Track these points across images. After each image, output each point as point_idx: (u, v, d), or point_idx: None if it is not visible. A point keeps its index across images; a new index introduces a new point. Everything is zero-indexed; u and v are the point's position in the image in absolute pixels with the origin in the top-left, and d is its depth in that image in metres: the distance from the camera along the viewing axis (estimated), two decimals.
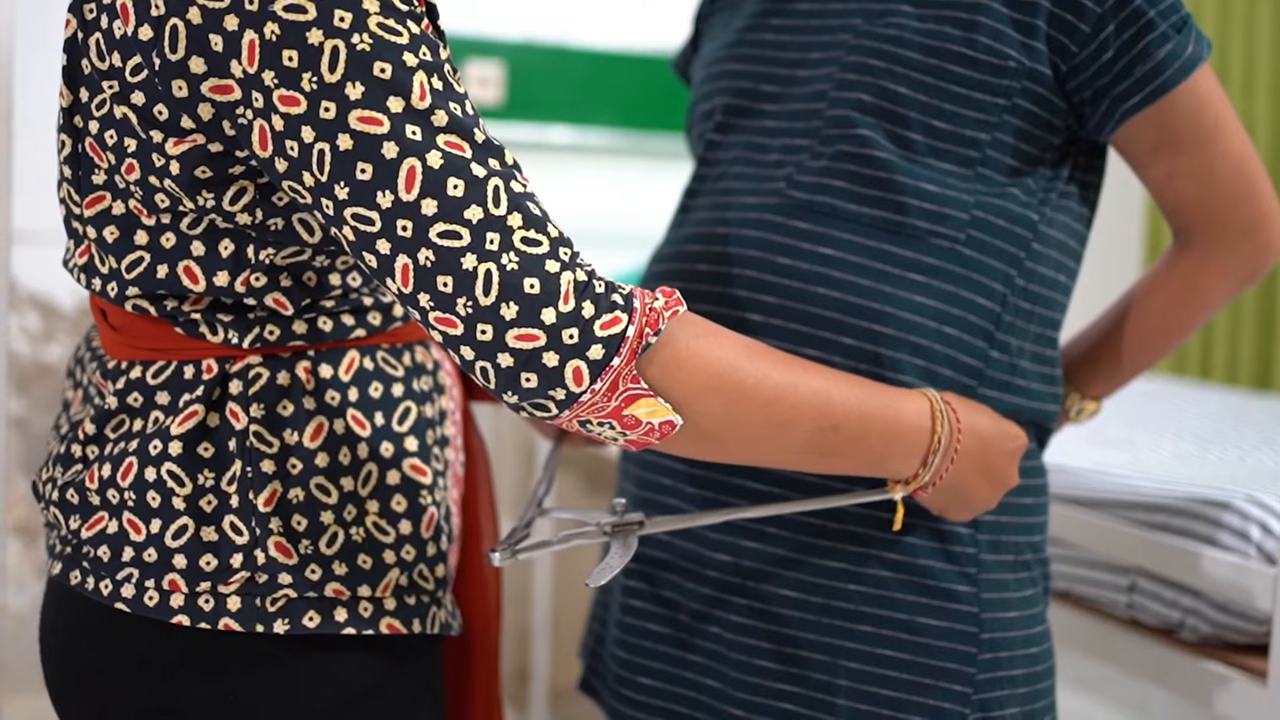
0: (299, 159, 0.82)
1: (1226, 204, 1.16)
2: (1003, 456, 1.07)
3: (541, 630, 2.82)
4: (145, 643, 0.94)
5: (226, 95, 0.83)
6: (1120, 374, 1.27)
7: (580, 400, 0.85)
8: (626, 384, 0.85)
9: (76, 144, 0.93)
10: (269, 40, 0.80)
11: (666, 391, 0.87)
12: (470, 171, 0.82)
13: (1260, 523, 1.39)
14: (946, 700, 1.10)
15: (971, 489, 1.05)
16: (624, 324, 0.84)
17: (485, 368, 0.84)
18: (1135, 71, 1.08)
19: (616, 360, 0.84)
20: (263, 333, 0.95)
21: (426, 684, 1.02)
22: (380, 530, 0.97)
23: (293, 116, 0.81)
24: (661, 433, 0.88)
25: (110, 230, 0.93)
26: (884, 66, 1.11)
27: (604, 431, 0.88)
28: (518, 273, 0.82)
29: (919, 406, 1.00)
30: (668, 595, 1.20)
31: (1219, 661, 1.41)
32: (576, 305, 0.83)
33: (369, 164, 0.81)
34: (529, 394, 0.84)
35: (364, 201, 0.81)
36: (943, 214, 1.10)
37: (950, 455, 1.01)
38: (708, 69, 1.25)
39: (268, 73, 0.81)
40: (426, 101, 0.82)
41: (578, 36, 3.14)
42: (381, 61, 0.81)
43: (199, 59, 0.83)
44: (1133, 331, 1.25)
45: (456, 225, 0.81)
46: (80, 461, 0.97)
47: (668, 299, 0.87)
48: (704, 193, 1.21)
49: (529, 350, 0.82)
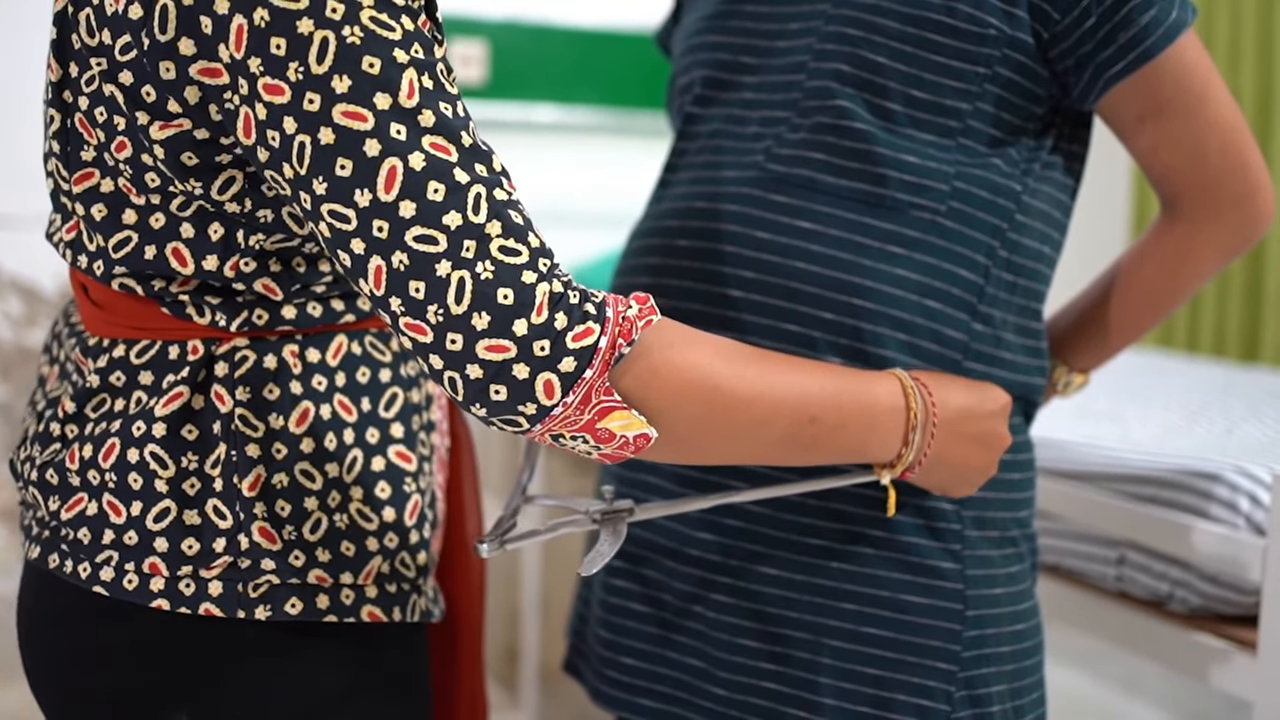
0: (280, 150, 0.80)
1: (1215, 174, 1.15)
2: (987, 419, 1.06)
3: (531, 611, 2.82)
4: (125, 627, 0.93)
5: (215, 79, 0.82)
6: (1108, 346, 1.27)
7: (552, 414, 0.82)
8: (600, 396, 0.83)
9: (65, 119, 0.92)
10: (258, 26, 0.79)
11: (642, 402, 0.85)
12: (453, 176, 0.80)
13: (1249, 494, 1.40)
14: (932, 678, 1.10)
15: (964, 459, 1.04)
16: (596, 335, 0.82)
17: (454, 378, 0.81)
18: (1118, 38, 1.07)
19: (589, 372, 0.82)
20: (251, 316, 0.94)
21: (410, 670, 1.02)
22: (363, 517, 0.97)
23: (276, 106, 0.79)
24: (636, 446, 0.87)
25: (99, 208, 0.91)
26: (862, 36, 1.10)
27: (577, 445, 0.86)
28: (491, 282, 0.80)
29: (890, 388, 0.99)
30: (650, 575, 1.19)
31: (1208, 633, 1.42)
32: (550, 316, 0.81)
33: (350, 160, 0.79)
34: (498, 408, 0.82)
35: (341, 199, 0.79)
36: (923, 185, 1.09)
37: (929, 430, 1.00)
38: (687, 41, 1.24)
39: (254, 59, 0.79)
40: (414, 100, 0.80)
41: (561, 14, 3.12)
42: (371, 56, 0.79)
43: (188, 40, 0.81)
44: (1120, 303, 1.24)
45: (433, 230, 0.79)
46: (59, 440, 0.96)
47: (641, 306, 0.86)
48: (683, 167, 1.21)
49: (499, 362, 0.80)
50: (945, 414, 1.02)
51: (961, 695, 1.10)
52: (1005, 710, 1.12)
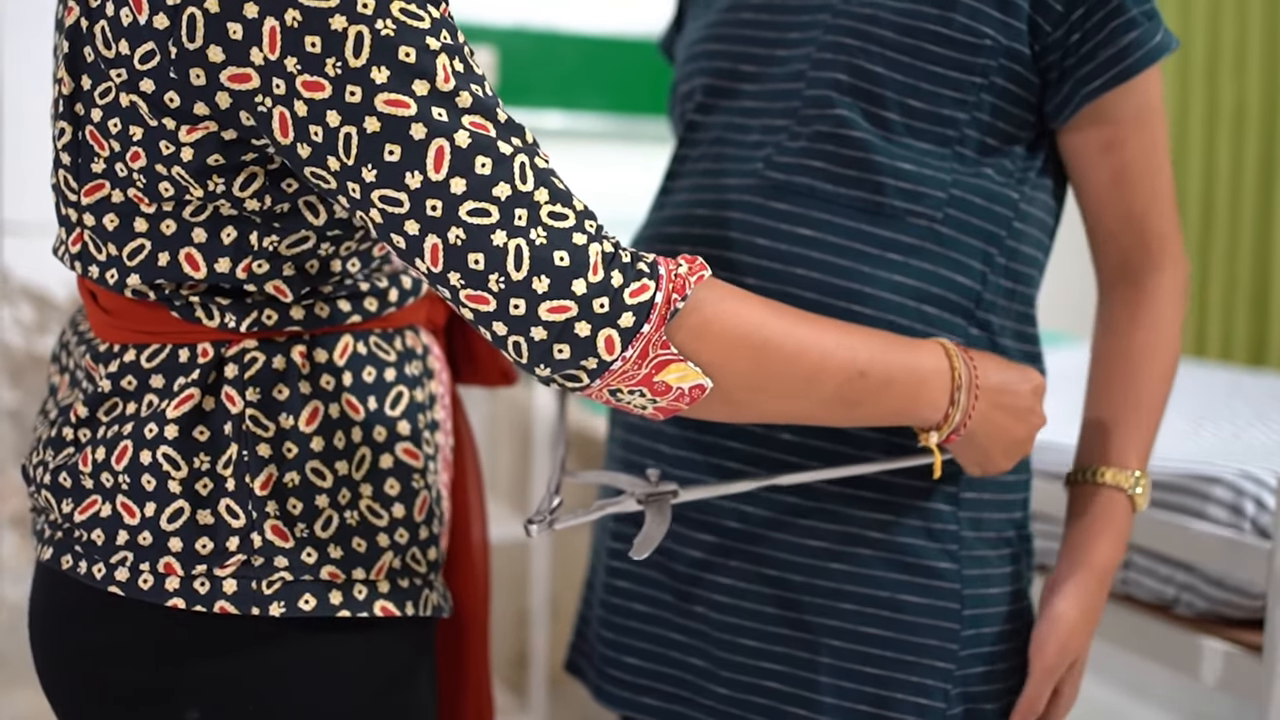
0: (323, 144, 0.82)
1: (1169, 212, 1.15)
2: (1028, 395, 1.06)
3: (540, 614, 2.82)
4: (139, 626, 0.94)
5: (244, 84, 0.83)
6: (1145, 425, 1.18)
7: (611, 369, 0.86)
8: (656, 350, 0.86)
9: (77, 131, 0.93)
10: (291, 27, 0.81)
11: (695, 355, 0.88)
12: (497, 149, 0.83)
13: (1255, 498, 1.40)
14: (930, 678, 1.10)
15: (1004, 430, 1.05)
16: (652, 291, 0.86)
17: (518, 342, 0.85)
18: (1099, 55, 1.08)
19: (646, 327, 0.85)
20: (260, 317, 0.95)
21: (419, 665, 1.03)
22: (374, 514, 0.98)
23: (317, 101, 0.81)
24: (691, 397, 0.89)
25: (110, 218, 0.93)
26: (859, 46, 1.11)
27: (634, 400, 0.89)
28: (547, 246, 0.83)
29: (934, 350, 1.01)
30: (652, 575, 1.20)
31: (1214, 636, 1.42)
32: (605, 275, 0.84)
33: (397, 145, 0.81)
34: (561, 365, 0.85)
35: (392, 183, 0.82)
36: (920, 193, 1.10)
37: (973, 392, 1.01)
38: (689, 49, 1.25)
39: (290, 59, 0.81)
40: (450, 84, 0.82)
41: (568, 21, 3.13)
42: (406, 46, 0.81)
43: (217, 48, 0.83)
44: (1133, 391, 1.17)
45: (485, 203, 0.82)
46: (72, 445, 0.97)
47: (690, 265, 0.89)
48: (684, 174, 1.22)
49: (561, 322, 0.83)
50: (987, 382, 1.03)
51: (958, 693, 1.11)
52: (1001, 708, 1.13)
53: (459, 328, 1.18)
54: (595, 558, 1.30)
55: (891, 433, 1.10)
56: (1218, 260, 2.97)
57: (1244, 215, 2.91)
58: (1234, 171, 2.94)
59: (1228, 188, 2.95)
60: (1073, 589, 1.12)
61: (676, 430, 1.16)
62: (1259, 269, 2.93)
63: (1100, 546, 1.13)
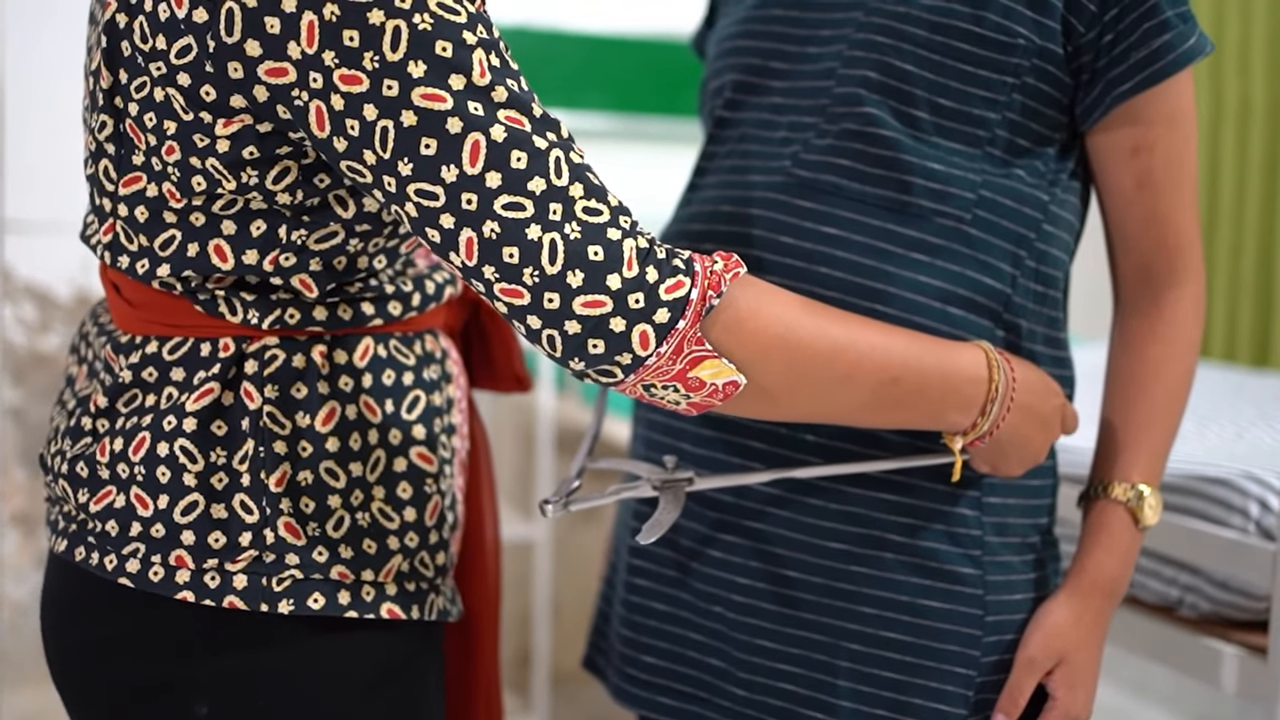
0: (360, 137, 0.83)
1: (1192, 222, 1.14)
2: (1053, 410, 1.08)
3: (543, 615, 2.82)
4: (148, 619, 0.94)
5: (281, 78, 0.84)
6: (1157, 450, 1.17)
7: (646, 364, 0.86)
8: (691, 346, 0.87)
9: (118, 124, 0.93)
10: (329, 21, 0.81)
11: (730, 352, 0.88)
12: (532, 144, 0.83)
13: (1259, 499, 1.40)
14: (949, 683, 1.10)
15: (1027, 439, 1.06)
16: (687, 287, 0.86)
17: (552, 336, 0.85)
18: (1131, 56, 1.07)
19: (682, 323, 0.85)
20: (283, 315, 0.95)
21: (427, 666, 1.03)
22: (385, 516, 0.98)
23: (354, 95, 0.82)
24: (725, 393, 0.89)
25: (141, 210, 0.93)
26: (891, 44, 1.10)
27: (667, 395, 0.89)
28: (581, 241, 0.83)
29: (974, 358, 1.01)
30: (672, 574, 1.20)
31: (1219, 638, 1.42)
32: (640, 271, 0.84)
33: (433, 139, 0.82)
34: (595, 360, 0.86)
35: (428, 176, 0.82)
36: (948, 193, 1.09)
37: (1006, 405, 1.02)
38: (719, 45, 1.25)
39: (328, 53, 0.82)
40: (487, 79, 0.83)
41: (571, 20, 3.13)
42: (443, 40, 0.82)
43: (254, 42, 0.83)
44: (1144, 406, 1.16)
45: (520, 197, 0.82)
46: (90, 435, 0.97)
47: (726, 262, 0.89)
48: (712, 170, 1.21)
49: (596, 316, 0.84)
50: (1023, 392, 1.03)
51: (979, 700, 1.10)
52: (1020, 716, 1.12)
53: (476, 333, 1.19)
54: (616, 556, 1.30)
55: (916, 436, 1.10)
56: (1222, 260, 2.96)
57: (1248, 214, 2.91)
58: (1239, 170, 2.94)
59: (1232, 186, 2.94)
60: (1064, 594, 1.12)
61: (700, 429, 1.16)
62: (1263, 269, 2.92)
63: (1095, 556, 1.13)
